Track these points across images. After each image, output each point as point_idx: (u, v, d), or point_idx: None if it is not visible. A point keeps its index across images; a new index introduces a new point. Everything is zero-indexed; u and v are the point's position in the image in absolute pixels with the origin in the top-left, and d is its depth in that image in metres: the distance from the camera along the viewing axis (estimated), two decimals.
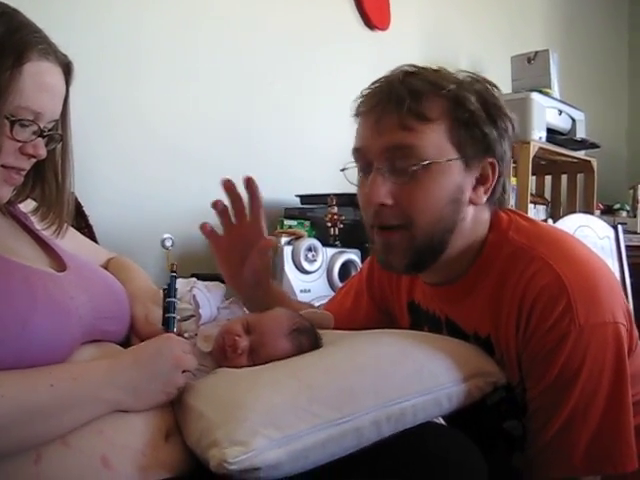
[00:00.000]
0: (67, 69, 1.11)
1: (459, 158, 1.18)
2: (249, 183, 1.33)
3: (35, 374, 0.92)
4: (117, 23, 2.25)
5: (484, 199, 1.23)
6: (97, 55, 2.14)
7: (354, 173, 1.30)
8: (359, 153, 1.25)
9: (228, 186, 1.34)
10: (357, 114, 1.25)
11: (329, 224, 2.43)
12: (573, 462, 1.12)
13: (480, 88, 1.22)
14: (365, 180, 1.23)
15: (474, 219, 1.24)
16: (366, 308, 1.56)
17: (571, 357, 1.11)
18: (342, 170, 1.30)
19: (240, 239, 1.38)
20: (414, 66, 1.24)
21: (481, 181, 1.22)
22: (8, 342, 0.90)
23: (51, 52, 1.06)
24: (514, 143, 1.27)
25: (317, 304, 1.69)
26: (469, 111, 1.17)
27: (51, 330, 0.95)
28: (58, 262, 1.13)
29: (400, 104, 1.16)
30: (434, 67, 1.25)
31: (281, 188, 2.66)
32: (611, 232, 2.70)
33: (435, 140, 1.17)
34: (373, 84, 1.24)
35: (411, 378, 1.10)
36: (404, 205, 1.19)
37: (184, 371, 1.06)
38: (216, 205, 1.37)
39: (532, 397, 1.17)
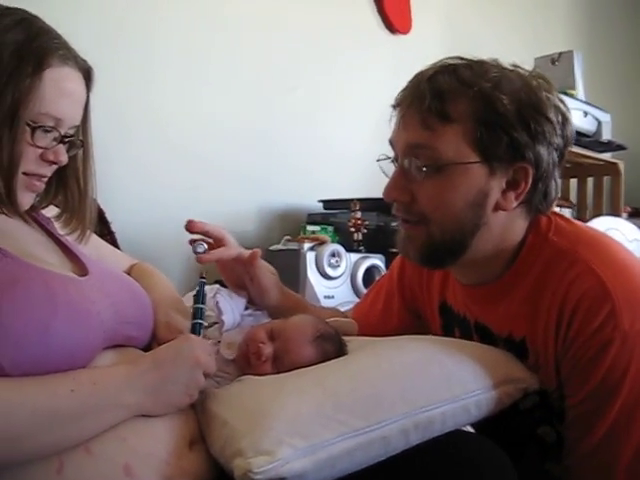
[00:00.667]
0: (87, 74, 1.11)
1: (482, 162, 1.15)
2: (189, 227, 1.29)
3: (55, 379, 0.91)
4: (132, 28, 2.25)
5: (514, 204, 1.18)
6: (112, 60, 2.13)
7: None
8: (391, 146, 1.24)
9: (191, 228, 1.30)
10: (393, 106, 1.24)
11: (352, 229, 2.41)
12: (615, 476, 1.09)
13: (521, 87, 1.16)
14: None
15: (504, 225, 1.21)
16: (398, 310, 1.54)
17: (615, 364, 1.08)
18: (378, 160, 1.28)
19: (228, 263, 1.35)
20: (459, 58, 1.21)
21: (512, 186, 1.18)
22: (28, 347, 0.89)
23: (71, 58, 1.06)
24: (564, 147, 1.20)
25: (342, 309, 1.66)
26: (497, 113, 1.13)
27: (71, 335, 0.94)
28: (80, 267, 1.12)
29: (422, 102, 1.15)
30: (484, 59, 1.21)
31: (304, 193, 2.66)
32: None
33: (454, 142, 1.14)
34: (413, 77, 1.23)
35: (439, 385, 1.08)
36: (419, 203, 1.18)
37: (205, 374, 1.04)
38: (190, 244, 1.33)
39: (572, 404, 1.14)
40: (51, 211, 1.20)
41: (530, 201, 1.20)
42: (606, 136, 3.41)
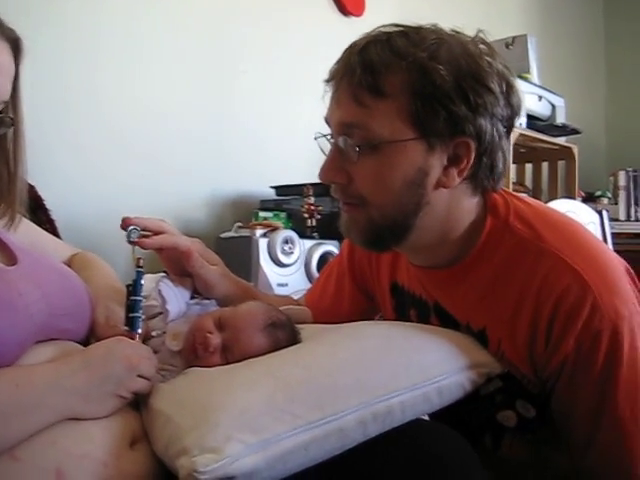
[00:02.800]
0: (15, 45, 1.03)
1: (419, 138, 1.08)
2: (124, 224, 1.19)
3: None
4: (76, 9, 2.18)
5: (456, 181, 1.12)
6: (56, 40, 2.07)
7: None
8: (326, 123, 1.18)
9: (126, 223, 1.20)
10: (326, 80, 1.17)
11: (306, 215, 2.38)
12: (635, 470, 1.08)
13: (461, 54, 1.08)
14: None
15: (449, 204, 1.14)
16: (349, 291, 1.48)
17: (609, 353, 1.05)
18: (315, 138, 1.21)
19: (170, 252, 1.27)
20: (395, 25, 1.13)
21: (454, 162, 1.11)
22: None
23: None
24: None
25: (296, 297, 1.61)
26: (433, 85, 1.05)
27: None
28: (9, 256, 1.05)
29: (352, 76, 1.08)
30: (422, 25, 1.13)
31: (255, 179, 2.62)
32: (596, 218, 2.67)
33: (388, 118, 1.07)
34: (343, 52, 1.15)
35: (398, 373, 1.03)
36: (356, 184, 1.13)
37: (141, 376, 0.98)
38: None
39: (577, 403, 1.10)
40: None
41: (475, 176, 1.13)
42: (560, 120, 3.42)
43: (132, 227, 1.18)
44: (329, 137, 1.18)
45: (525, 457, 1.20)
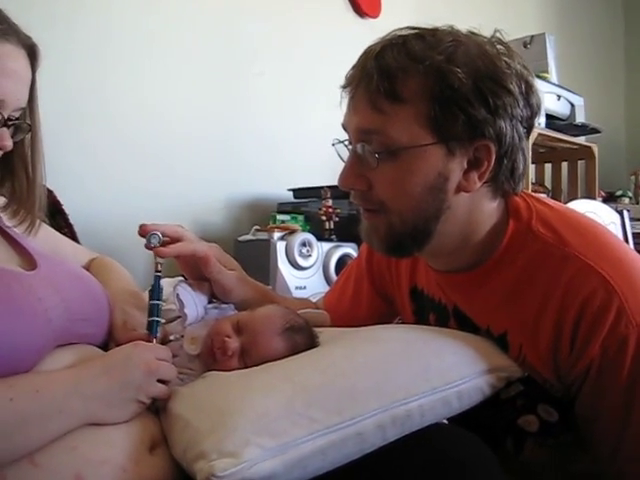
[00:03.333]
0: (32, 52, 1.04)
1: (438, 142, 1.06)
2: (142, 231, 1.19)
3: None
4: (87, 12, 2.19)
5: (477, 185, 1.10)
6: (66, 46, 2.08)
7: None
8: (344, 129, 1.17)
9: (144, 232, 1.19)
10: (342, 86, 1.16)
11: (324, 218, 2.38)
12: None
13: (478, 56, 1.07)
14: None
15: (469, 208, 1.13)
16: (367, 295, 1.47)
17: (635, 359, 1.04)
18: (333, 145, 1.20)
19: (188, 259, 1.26)
20: (410, 28, 1.12)
21: (475, 166, 1.10)
22: None
23: (12, 33, 0.99)
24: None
25: (314, 300, 1.61)
26: (451, 89, 1.04)
27: (13, 335, 0.87)
28: (29, 261, 1.05)
29: (369, 82, 1.06)
30: (438, 27, 1.12)
31: (273, 182, 2.62)
32: (617, 218, 2.64)
33: (407, 124, 1.06)
34: (360, 56, 1.14)
35: (417, 376, 1.02)
36: (376, 191, 1.12)
37: (161, 381, 0.98)
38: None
39: (604, 408, 1.08)
40: None
41: (496, 179, 1.12)
42: (580, 119, 3.39)
43: (152, 233, 1.18)
44: (346, 143, 1.17)
45: (547, 460, 1.18)
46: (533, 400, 1.15)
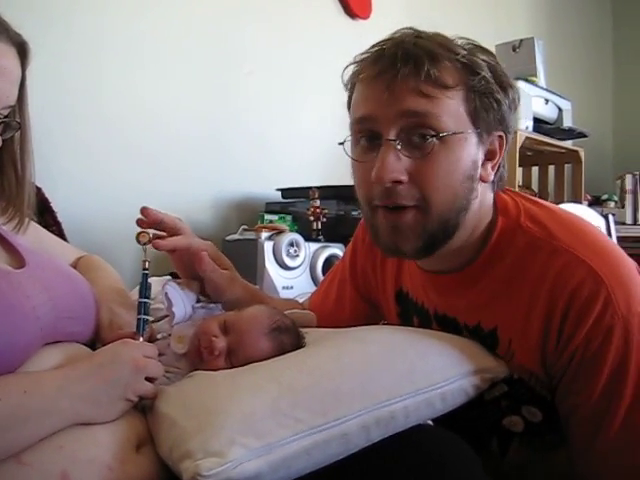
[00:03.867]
0: (22, 50, 1.04)
1: (474, 130, 1.09)
2: (144, 213, 1.20)
3: None
4: (81, 10, 2.18)
5: (492, 176, 1.14)
6: (60, 45, 2.07)
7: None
8: (364, 123, 1.11)
9: (146, 215, 1.21)
10: (356, 81, 1.14)
11: (311, 218, 2.38)
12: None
13: (487, 53, 1.11)
14: (369, 154, 1.10)
15: (481, 199, 1.15)
16: (350, 298, 1.47)
17: (619, 350, 1.04)
18: (341, 143, 1.16)
19: (183, 253, 1.26)
20: (410, 28, 1.13)
21: (489, 156, 1.12)
22: None
23: (2, 31, 0.99)
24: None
25: (301, 300, 1.61)
26: (483, 78, 1.07)
27: (1, 332, 0.87)
28: (17, 259, 1.05)
29: (417, 67, 1.04)
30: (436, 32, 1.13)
31: (261, 182, 2.62)
32: (602, 222, 2.66)
33: (453, 109, 1.06)
34: (373, 48, 1.12)
35: (401, 378, 1.02)
36: (420, 183, 1.07)
37: (148, 379, 0.98)
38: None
39: (582, 401, 1.08)
40: None
41: (497, 172, 1.16)
42: (567, 123, 3.41)
43: (142, 230, 1.19)
44: (363, 136, 1.12)
45: (532, 460, 1.20)
46: (517, 401, 1.16)
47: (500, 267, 1.14)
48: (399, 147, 1.07)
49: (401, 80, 1.05)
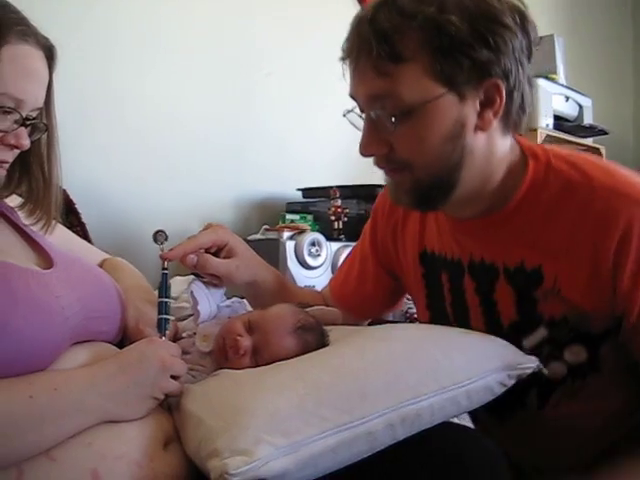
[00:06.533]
0: (49, 53, 1.05)
1: (448, 92, 1.08)
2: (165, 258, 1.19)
3: (12, 385, 0.86)
4: (97, 11, 2.20)
5: (494, 123, 1.13)
6: (76, 49, 2.08)
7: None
8: (352, 99, 1.18)
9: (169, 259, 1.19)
10: (342, 58, 1.17)
11: (332, 217, 2.39)
12: None
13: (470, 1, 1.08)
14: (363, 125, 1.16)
15: (487, 148, 1.15)
16: (374, 272, 1.48)
17: None
18: (344, 115, 1.21)
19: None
20: None
21: (488, 105, 1.11)
22: None
23: (31, 34, 1.00)
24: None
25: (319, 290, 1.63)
26: (449, 37, 1.05)
27: (32, 333, 0.89)
28: (46, 259, 1.07)
29: (369, 49, 1.07)
30: None
31: (282, 182, 2.62)
32: None
33: (415, 81, 1.07)
34: (352, 23, 1.15)
35: (426, 376, 1.02)
36: (398, 152, 1.12)
37: (173, 377, 0.99)
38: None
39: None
40: (13, 201, 1.13)
41: (508, 114, 1.14)
42: (588, 121, 3.39)
43: (159, 230, 1.20)
44: (357, 111, 1.18)
45: (571, 413, 1.21)
46: (559, 345, 1.17)
47: (536, 207, 1.17)
48: (375, 121, 1.11)
49: (361, 63, 1.10)
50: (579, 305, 1.14)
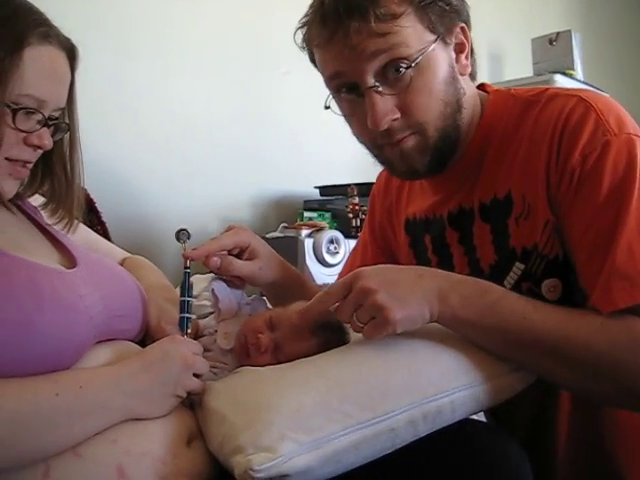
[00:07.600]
0: (71, 54, 1.06)
1: (437, 38, 1.12)
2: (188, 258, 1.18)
3: (38, 383, 0.87)
4: (119, 12, 2.22)
5: (469, 67, 1.19)
6: (96, 46, 2.09)
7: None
8: (338, 78, 1.17)
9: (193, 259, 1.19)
10: (311, 47, 1.21)
11: (350, 215, 2.39)
12: None
13: None
14: (355, 104, 1.16)
15: (469, 88, 1.21)
16: (373, 259, 1.47)
17: (617, 168, 1.05)
18: (327, 108, 1.26)
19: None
20: None
21: (459, 49, 1.17)
22: (12, 343, 0.85)
23: (53, 35, 1.01)
24: None
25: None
26: None
27: (58, 332, 0.89)
28: (69, 258, 1.08)
29: (363, 15, 1.07)
30: None
31: (299, 180, 2.62)
32: None
33: (411, 32, 1.09)
34: (313, 4, 1.18)
35: (448, 372, 1.02)
36: (412, 112, 1.12)
37: (196, 375, 1.00)
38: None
39: (583, 228, 1.07)
40: (36, 200, 1.15)
41: (472, 54, 1.21)
42: None
43: (181, 229, 1.21)
44: (344, 91, 1.18)
45: None
46: (536, 280, 1.15)
47: (498, 132, 1.20)
48: (380, 89, 1.11)
49: (354, 34, 1.09)
50: (546, 220, 1.12)
